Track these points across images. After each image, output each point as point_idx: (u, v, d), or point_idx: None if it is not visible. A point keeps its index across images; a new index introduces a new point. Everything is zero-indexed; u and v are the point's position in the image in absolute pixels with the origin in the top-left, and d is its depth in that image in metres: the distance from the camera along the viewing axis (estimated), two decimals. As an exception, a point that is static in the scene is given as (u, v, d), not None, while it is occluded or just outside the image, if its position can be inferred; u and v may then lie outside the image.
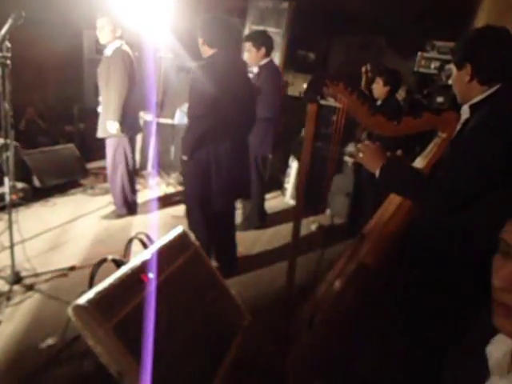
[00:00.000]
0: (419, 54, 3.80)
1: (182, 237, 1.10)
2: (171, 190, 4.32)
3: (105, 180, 4.10)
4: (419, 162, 1.54)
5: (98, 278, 1.38)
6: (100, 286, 0.92)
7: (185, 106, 3.36)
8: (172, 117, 4.02)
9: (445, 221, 1.30)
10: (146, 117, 4.15)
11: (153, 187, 4.33)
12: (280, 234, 3.58)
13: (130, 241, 1.15)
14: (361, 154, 1.41)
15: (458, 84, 1.34)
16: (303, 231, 3.53)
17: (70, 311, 0.89)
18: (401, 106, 3.21)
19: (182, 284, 1.05)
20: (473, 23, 4.21)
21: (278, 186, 4.71)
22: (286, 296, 1.82)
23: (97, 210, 3.62)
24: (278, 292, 2.56)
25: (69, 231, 3.16)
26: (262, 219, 3.65)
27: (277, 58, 4.62)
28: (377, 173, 1.34)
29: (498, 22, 3.60)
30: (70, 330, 1.97)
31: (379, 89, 2.94)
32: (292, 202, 4.45)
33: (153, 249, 1.01)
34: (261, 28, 4.63)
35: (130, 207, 3.45)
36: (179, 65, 4.54)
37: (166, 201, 3.99)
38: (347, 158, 4.08)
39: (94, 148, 4.39)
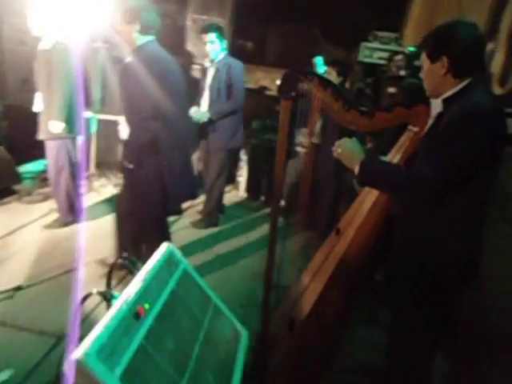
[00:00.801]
0: (362, 44, 3.89)
1: (170, 255, 1.00)
2: (118, 190, 4.05)
3: (42, 185, 3.74)
4: (393, 156, 1.55)
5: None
6: (96, 332, 0.78)
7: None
8: (116, 113, 3.74)
9: (427, 214, 1.32)
10: (86, 114, 3.83)
11: (98, 189, 4.04)
12: (239, 230, 3.53)
13: (112, 267, 1.01)
14: (339, 150, 1.38)
15: (430, 77, 1.34)
16: (264, 225, 3.52)
17: (65, 367, 0.75)
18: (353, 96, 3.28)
19: (179, 311, 0.95)
20: (408, 13, 4.41)
21: (231, 179, 4.63)
22: (263, 296, 1.78)
23: (37, 219, 3.29)
24: (249, 289, 2.51)
25: (8, 246, 2.83)
26: (220, 212, 3.66)
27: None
28: (356, 169, 1.32)
29: (431, 13, 3.80)
30: (28, 358, 1.78)
31: (333, 79, 2.96)
32: (244, 195, 4.41)
33: (142, 275, 0.89)
34: (204, 17, 4.46)
35: (76, 214, 3.18)
36: (117, 55, 4.23)
37: (114, 203, 3.74)
38: (299, 148, 4.09)
39: (23, 149, 3.96)
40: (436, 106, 1.36)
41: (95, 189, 4.03)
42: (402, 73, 2.44)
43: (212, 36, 3.10)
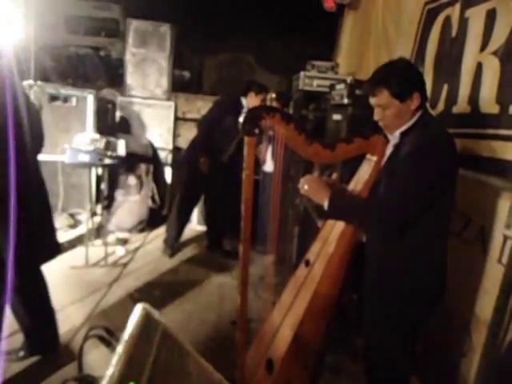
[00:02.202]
0: (302, 73, 4.06)
1: (146, 318, 0.91)
2: (61, 235, 3.76)
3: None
4: (355, 185, 1.60)
5: None
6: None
7: (76, 142, 2.96)
8: (53, 152, 3.51)
9: (396, 240, 1.36)
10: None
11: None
12: (195, 265, 3.41)
13: (85, 340, 0.89)
14: (306, 187, 1.40)
15: (399, 116, 1.37)
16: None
17: None
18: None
19: (165, 380, 0.86)
20: (338, 43, 4.71)
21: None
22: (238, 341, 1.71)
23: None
24: (214, 330, 2.41)
25: None
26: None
27: (164, 81, 4.45)
28: (325, 204, 1.34)
29: (359, 43, 4.09)
30: None
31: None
32: (199, 228, 4.30)
33: (121, 348, 0.80)
34: (142, 51, 4.41)
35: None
36: (52, 93, 4.02)
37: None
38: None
39: None
40: (393, 137, 1.43)
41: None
42: (345, 101, 2.57)
43: None
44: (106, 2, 5.01)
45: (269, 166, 3.48)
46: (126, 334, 0.83)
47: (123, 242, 3.72)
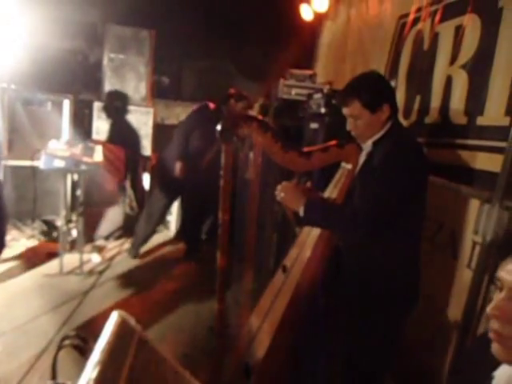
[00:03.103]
0: (281, 81, 4.12)
1: (122, 326, 0.90)
2: (34, 242, 3.66)
3: None
4: (330, 192, 1.63)
5: None
6: None
7: (51, 148, 2.90)
8: (27, 157, 3.43)
9: (370, 246, 1.40)
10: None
11: (9, 244, 3.60)
12: (172, 272, 3.38)
13: (59, 349, 0.87)
14: (282, 195, 1.42)
15: (370, 126, 1.42)
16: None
17: None
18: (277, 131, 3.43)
19: (141, 387, 0.85)
20: (316, 53, 4.81)
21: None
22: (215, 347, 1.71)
23: None
24: (190, 336, 2.39)
25: None
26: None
27: (142, 87, 4.42)
28: (301, 211, 1.37)
29: (336, 54, 4.19)
30: None
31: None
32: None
33: (96, 357, 0.79)
34: (121, 56, 4.38)
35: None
36: (26, 97, 3.93)
37: (30, 257, 3.35)
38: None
39: None
40: (366, 146, 1.48)
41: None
42: (322, 110, 2.63)
43: None
44: (85, 6, 4.96)
45: (248, 173, 3.50)
46: (101, 342, 0.82)
47: (99, 249, 3.65)
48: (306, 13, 4.15)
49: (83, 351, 0.89)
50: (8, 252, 3.43)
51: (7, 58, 3.43)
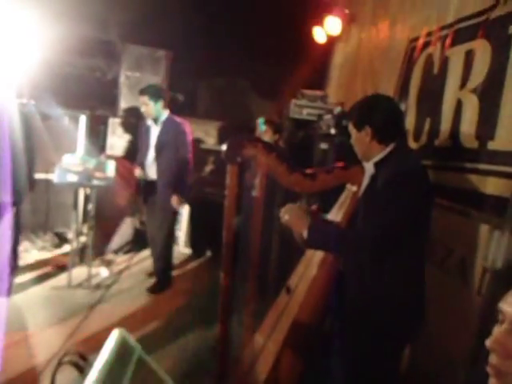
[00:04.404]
0: (292, 101, 4.16)
1: (122, 344, 0.90)
2: (46, 254, 3.72)
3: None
4: (335, 214, 1.63)
5: None
6: None
7: (65, 162, 2.97)
8: (43, 171, 3.52)
9: (373, 269, 1.38)
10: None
11: (20, 254, 3.66)
12: (180, 288, 3.37)
13: (58, 367, 0.87)
14: (286, 217, 1.42)
15: (359, 144, 1.50)
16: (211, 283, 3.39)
17: None
18: (287, 151, 3.46)
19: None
20: (328, 74, 4.86)
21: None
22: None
23: None
24: (194, 356, 2.37)
25: None
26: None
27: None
28: (305, 233, 1.36)
29: (348, 75, 4.23)
30: None
31: (269, 137, 3.12)
32: (186, 251, 4.28)
33: (95, 375, 0.79)
34: (137, 74, 4.50)
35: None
36: (45, 112, 4.05)
37: (40, 269, 3.40)
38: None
39: None
40: (368, 168, 1.49)
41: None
42: (332, 131, 2.65)
43: (144, 99, 3.14)
44: (105, 24, 5.13)
45: (256, 191, 3.51)
46: (100, 360, 0.83)
47: (107, 263, 3.68)
48: (319, 35, 4.22)
49: (81, 369, 0.89)
50: (19, 263, 3.49)
51: (27, 73, 3.55)
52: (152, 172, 3.25)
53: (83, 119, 4.13)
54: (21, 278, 3.16)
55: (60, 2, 4.10)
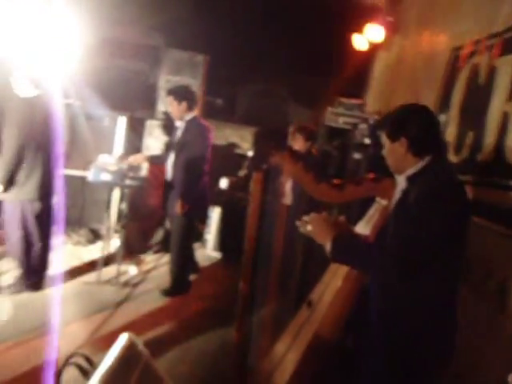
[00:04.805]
0: (329, 109, 4.09)
1: (129, 349, 0.90)
2: (80, 249, 3.85)
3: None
4: (362, 228, 1.56)
5: None
6: None
7: (101, 161, 3.07)
8: (82, 168, 3.66)
9: (401, 289, 1.30)
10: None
11: (57, 247, 3.81)
12: (205, 292, 3.37)
13: (63, 368, 0.88)
14: (309, 227, 1.37)
15: (392, 155, 1.40)
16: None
17: None
18: (320, 159, 3.39)
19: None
20: (368, 82, 4.74)
21: (197, 236, 4.52)
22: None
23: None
24: (212, 363, 2.34)
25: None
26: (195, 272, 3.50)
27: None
28: (328, 246, 1.30)
29: (389, 84, 4.10)
30: None
31: (301, 144, 3.06)
32: (214, 255, 4.29)
33: (98, 377, 0.78)
34: (177, 78, 4.60)
35: (35, 276, 2.92)
36: (88, 112, 4.23)
37: (74, 263, 3.52)
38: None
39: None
40: (400, 182, 1.41)
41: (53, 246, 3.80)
42: (367, 141, 2.56)
43: (170, 99, 3.14)
44: (150, 30, 5.29)
45: (288, 200, 3.46)
46: (105, 364, 0.82)
47: (137, 261, 3.76)
48: (360, 43, 4.13)
49: (86, 372, 0.89)
50: (53, 255, 3.62)
51: (74, 75, 3.71)
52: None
53: (122, 120, 4.26)
54: (54, 272, 3.28)
55: (108, 8, 4.28)
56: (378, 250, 1.30)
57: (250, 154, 1.32)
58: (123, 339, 0.89)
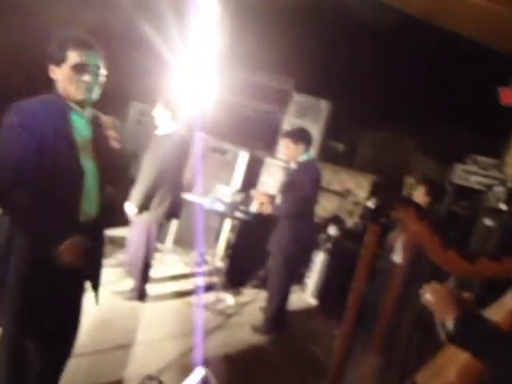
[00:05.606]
0: (459, 166, 3.74)
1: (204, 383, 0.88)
2: (187, 270, 4.09)
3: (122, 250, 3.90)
4: (494, 312, 1.30)
5: None
6: None
7: (218, 192, 3.28)
8: (201, 195, 3.96)
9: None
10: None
11: (169, 264, 4.12)
12: (296, 338, 3.22)
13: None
14: (428, 296, 1.19)
15: None
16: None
17: None
18: (440, 220, 3.05)
19: None
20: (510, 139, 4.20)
21: (298, 279, 4.41)
22: None
23: (106, 283, 3.37)
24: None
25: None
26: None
27: (312, 150, 4.65)
28: (449, 324, 1.11)
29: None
30: None
31: (419, 197, 2.79)
32: (312, 301, 4.12)
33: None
34: (299, 121, 4.74)
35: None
36: (214, 145, 4.61)
37: (180, 282, 3.74)
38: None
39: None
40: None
41: (165, 263, 4.11)
42: (503, 206, 2.22)
43: (285, 141, 3.18)
44: (281, 74, 5.61)
45: (396, 256, 3.17)
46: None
47: (236, 292, 3.81)
48: (505, 96, 3.72)
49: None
50: (163, 271, 3.88)
51: (209, 112, 4.12)
52: None
53: (243, 156, 4.52)
54: (162, 288, 3.51)
55: (246, 54, 4.71)
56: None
57: (370, 204, 1.24)
58: (198, 373, 0.87)
